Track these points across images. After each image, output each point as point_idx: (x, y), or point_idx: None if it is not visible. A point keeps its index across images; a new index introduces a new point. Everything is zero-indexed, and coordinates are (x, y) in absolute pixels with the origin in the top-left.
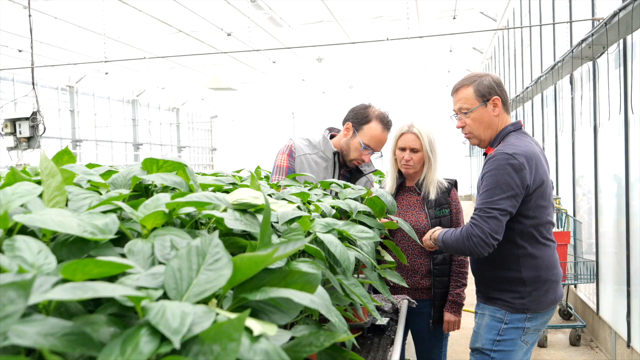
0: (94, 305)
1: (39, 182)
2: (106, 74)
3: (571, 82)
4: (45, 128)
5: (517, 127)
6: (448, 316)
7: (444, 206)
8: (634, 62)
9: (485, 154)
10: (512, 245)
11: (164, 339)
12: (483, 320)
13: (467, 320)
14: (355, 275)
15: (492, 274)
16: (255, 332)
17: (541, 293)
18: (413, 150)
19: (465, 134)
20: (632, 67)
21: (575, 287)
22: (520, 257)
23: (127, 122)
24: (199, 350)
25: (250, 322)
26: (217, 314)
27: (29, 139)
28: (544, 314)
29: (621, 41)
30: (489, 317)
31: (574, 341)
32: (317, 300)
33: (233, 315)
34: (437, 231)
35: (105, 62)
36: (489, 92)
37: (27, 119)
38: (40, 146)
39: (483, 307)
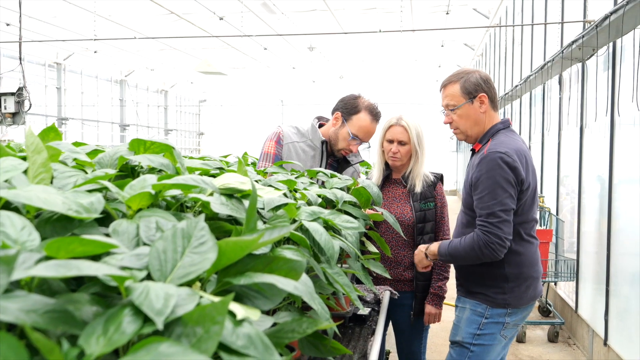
0: (76, 284)
1: (24, 159)
2: (95, 52)
3: (560, 83)
4: (31, 104)
5: (506, 125)
6: (429, 308)
7: (429, 200)
8: (623, 65)
9: (472, 150)
10: None
11: (147, 320)
12: (464, 313)
13: (448, 313)
14: (339, 265)
15: (474, 269)
16: (239, 316)
17: (522, 289)
18: (401, 143)
19: (453, 129)
20: (620, 70)
21: (555, 284)
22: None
23: (115, 103)
24: (181, 332)
25: (234, 306)
26: (201, 297)
27: (14, 114)
28: (524, 309)
29: (611, 44)
30: (470, 311)
31: (552, 338)
32: (301, 287)
33: (217, 299)
34: (433, 246)
35: (94, 40)
36: (476, 89)
37: (12, 94)
38: (25, 122)
39: (464, 300)
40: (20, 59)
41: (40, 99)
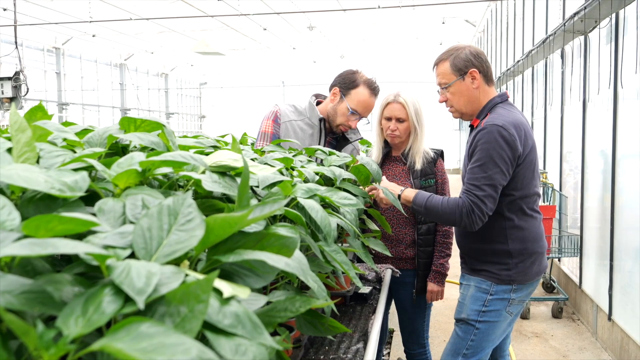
0: (64, 265)
1: (10, 139)
2: (93, 36)
3: (562, 57)
4: (28, 88)
5: (504, 99)
6: (431, 286)
7: (430, 176)
8: (626, 37)
9: (471, 126)
10: (500, 218)
11: (128, 299)
12: (468, 291)
13: (451, 291)
14: (339, 244)
15: (478, 246)
16: (225, 294)
17: (527, 265)
18: (399, 120)
19: (449, 108)
20: (623, 42)
21: (559, 260)
22: (507, 229)
23: (115, 87)
24: (165, 312)
25: (220, 284)
26: (187, 275)
27: (11, 99)
28: (529, 285)
29: (613, 15)
30: (475, 288)
31: (556, 314)
32: (293, 263)
33: (203, 277)
34: (410, 192)
35: (90, 22)
36: (466, 65)
37: (9, 78)
38: (23, 107)
39: (468, 278)
40: (15, 42)
41: (40, 84)
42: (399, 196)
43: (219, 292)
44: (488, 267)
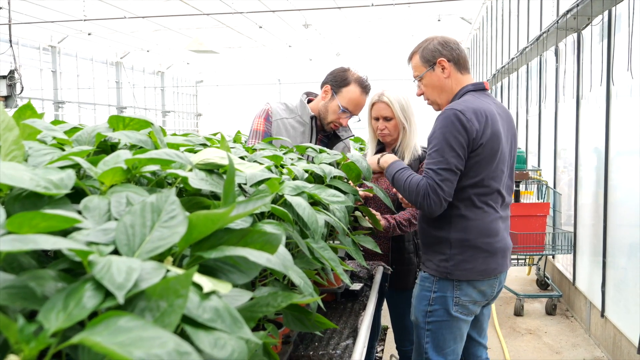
0: (51, 262)
1: None
2: (89, 34)
3: (556, 54)
4: (23, 87)
5: (478, 88)
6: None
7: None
8: (618, 35)
9: None
10: (449, 204)
11: (109, 294)
12: (416, 290)
13: None
14: (331, 241)
15: (427, 231)
16: (205, 289)
17: (466, 258)
18: (386, 119)
19: (427, 101)
20: (615, 39)
21: (553, 257)
22: (452, 217)
23: (111, 85)
24: (145, 307)
25: (200, 279)
26: (169, 270)
27: (6, 97)
28: (476, 283)
29: (606, 13)
30: (419, 286)
31: (550, 310)
32: (274, 259)
33: (183, 272)
34: (389, 158)
35: (85, 20)
36: (433, 55)
37: (4, 77)
38: (18, 105)
39: (419, 275)
40: (10, 41)
41: (36, 83)
42: (378, 161)
43: (200, 288)
44: (431, 257)
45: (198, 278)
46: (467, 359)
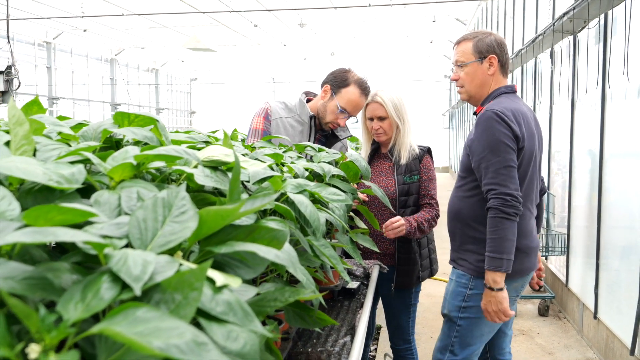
0: (58, 256)
1: (7, 132)
2: (84, 31)
3: (551, 56)
4: (20, 83)
5: (511, 90)
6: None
7: (414, 172)
8: (614, 38)
9: (475, 113)
10: (485, 203)
11: (125, 286)
12: (450, 285)
13: (439, 288)
14: (328, 240)
15: (462, 230)
16: (218, 283)
17: None
18: (380, 119)
19: (458, 88)
20: (611, 42)
21: (546, 259)
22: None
23: (105, 82)
24: (160, 299)
25: (213, 274)
26: (181, 264)
27: (3, 93)
28: (511, 281)
29: (602, 16)
30: (455, 282)
31: (543, 312)
32: (283, 255)
33: (197, 266)
34: (490, 275)
35: (82, 17)
36: (487, 49)
37: (1, 72)
38: (15, 101)
39: (452, 271)
40: (8, 37)
41: (31, 79)
42: (491, 288)
43: (211, 281)
44: (467, 257)
45: (210, 272)
46: (492, 350)
